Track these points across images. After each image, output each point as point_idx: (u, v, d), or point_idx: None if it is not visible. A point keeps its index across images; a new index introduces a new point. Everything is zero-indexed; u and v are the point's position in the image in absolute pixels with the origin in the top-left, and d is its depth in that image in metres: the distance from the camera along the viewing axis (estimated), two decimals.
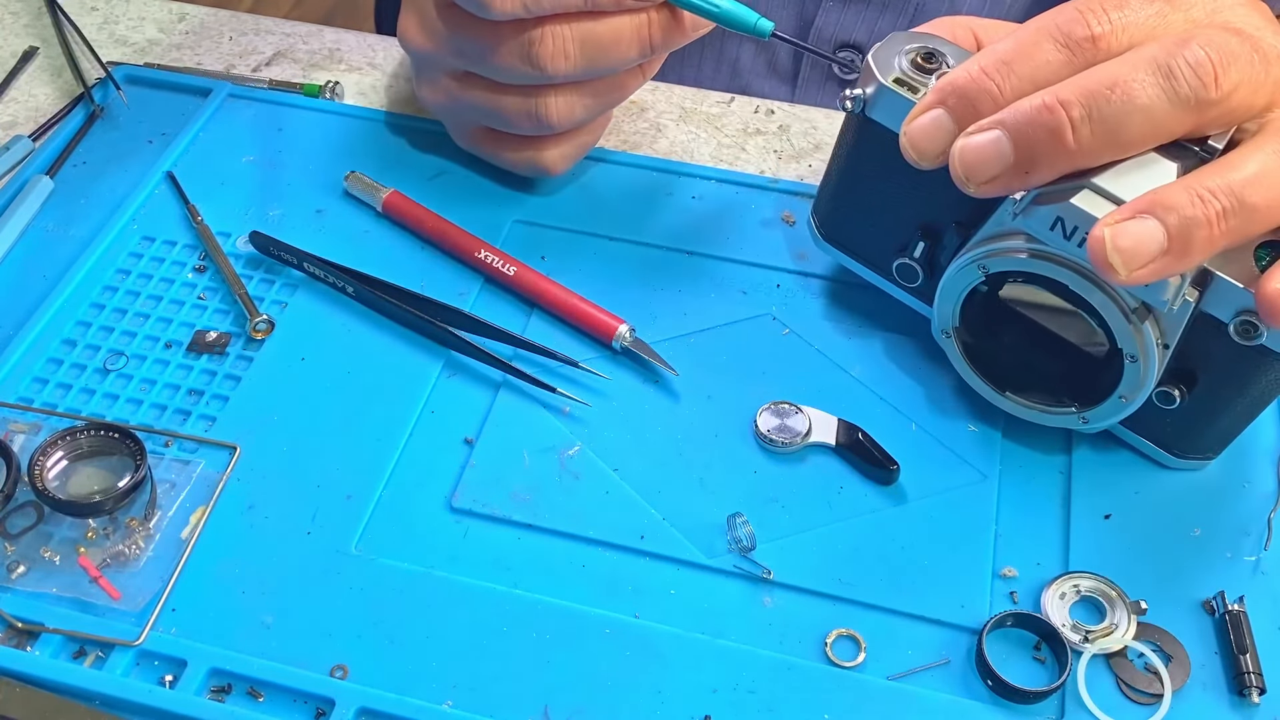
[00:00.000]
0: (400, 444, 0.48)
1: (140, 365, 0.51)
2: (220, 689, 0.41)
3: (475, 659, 0.42)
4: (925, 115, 0.41)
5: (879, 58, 0.45)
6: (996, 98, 0.40)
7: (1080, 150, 0.38)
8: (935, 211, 0.46)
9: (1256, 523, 0.45)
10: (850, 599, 0.43)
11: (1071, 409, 0.45)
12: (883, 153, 0.42)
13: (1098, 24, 0.39)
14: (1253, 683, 0.41)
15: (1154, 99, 0.38)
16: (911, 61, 0.44)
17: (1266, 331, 0.40)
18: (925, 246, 0.47)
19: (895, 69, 0.44)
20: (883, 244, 0.49)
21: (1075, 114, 0.38)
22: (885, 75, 0.44)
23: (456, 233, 0.54)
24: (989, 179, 0.40)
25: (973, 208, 0.44)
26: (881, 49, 0.45)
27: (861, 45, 0.65)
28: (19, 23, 0.67)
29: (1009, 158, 0.39)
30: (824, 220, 0.51)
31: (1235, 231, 0.38)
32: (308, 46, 0.66)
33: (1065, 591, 0.43)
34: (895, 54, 0.45)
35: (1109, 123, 0.38)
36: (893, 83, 0.44)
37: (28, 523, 0.45)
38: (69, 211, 0.57)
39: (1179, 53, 0.38)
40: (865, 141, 0.46)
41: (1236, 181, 0.37)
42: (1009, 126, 0.39)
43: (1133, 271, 0.38)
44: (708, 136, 0.61)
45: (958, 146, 0.40)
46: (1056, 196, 0.40)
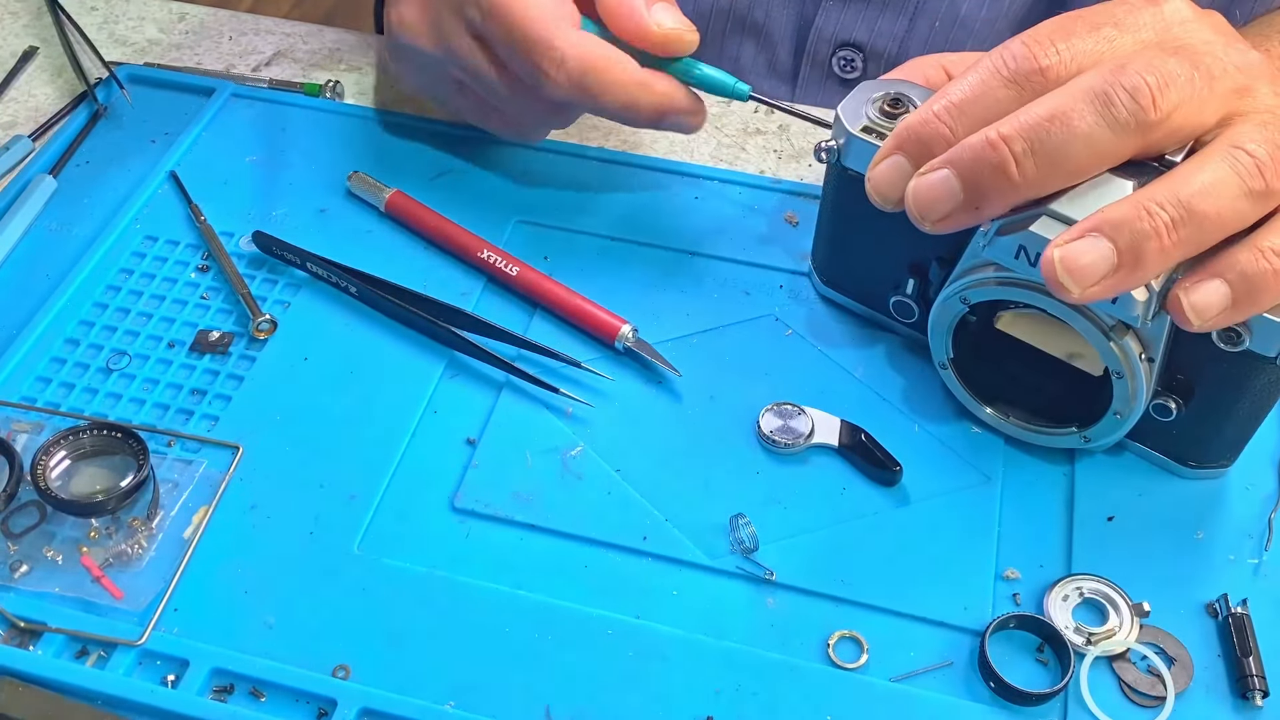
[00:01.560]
0: (403, 444, 0.48)
1: (143, 365, 0.51)
2: (222, 689, 0.41)
3: (477, 659, 0.42)
4: (885, 161, 0.42)
5: (847, 109, 0.46)
6: (949, 139, 0.41)
7: (1026, 183, 0.39)
8: (919, 250, 0.47)
9: (1259, 525, 0.45)
10: (853, 600, 0.43)
11: (1072, 429, 0.46)
12: (862, 198, 0.44)
13: (1045, 57, 0.40)
14: (1256, 686, 0.41)
15: (1093, 127, 0.38)
16: (879, 109, 0.46)
17: (1249, 336, 0.40)
18: (915, 283, 0.48)
19: (863, 118, 0.46)
20: (878, 284, 0.50)
21: (1017, 148, 0.39)
22: (854, 125, 0.46)
23: (459, 233, 0.54)
24: (942, 216, 0.41)
25: (951, 243, 0.45)
26: (850, 100, 0.47)
27: (861, 44, 0.65)
28: (19, 23, 0.67)
29: (959, 195, 0.40)
30: (822, 267, 0.53)
31: (1188, 241, 0.38)
32: (308, 46, 0.66)
33: (1068, 594, 0.43)
34: (863, 103, 0.46)
35: (1052, 154, 0.39)
36: (861, 131, 0.46)
37: (30, 522, 0.45)
38: (72, 211, 0.57)
39: (1116, 80, 0.38)
40: (844, 189, 0.48)
41: (1185, 193, 0.38)
42: (956, 165, 0.40)
43: (1086, 289, 0.38)
44: (708, 136, 0.61)
45: (910, 187, 0.41)
46: (1017, 225, 0.41)
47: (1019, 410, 0.47)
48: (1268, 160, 0.38)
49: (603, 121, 0.61)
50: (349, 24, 0.70)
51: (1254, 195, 0.38)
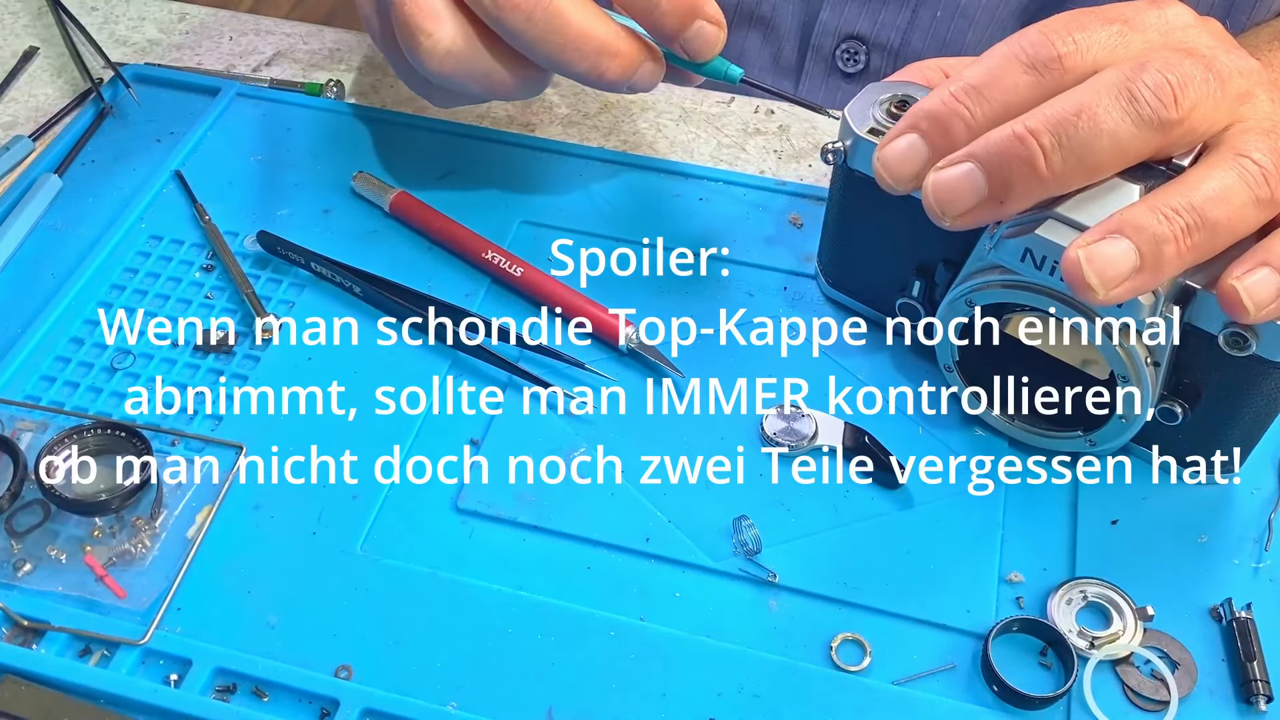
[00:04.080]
0: (406, 445, 0.48)
1: (147, 364, 0.51)
2: (225, 689, 0.41)
3: (480, 660, 0.42)
4: (899, 140, 0.42)
5: (854, 111, 0.46)
6: (968, 121, 0.40)
7: (1053, 177, 0.39)
8: (926, 251, 0.47)
9: (1263, 529, 0.45)
10: (856, 603, 0.43)
11: (1078, 432, 0.46)
12: (869, 199, 0.44)
13: (1062, 45, 0.40)
14: (1260, 690, 0.41)
15: (1119, 122, 0.38)
16: (886, 111, 0.46)
17: (1256, 341, 0.40)
18: (922, 285, 0.48)
19: (870, 120, 0.46)
20: (885, 286, 0.50)
21: (1046, 142, 0.39)
22: (861, 127, 0.46)
23: (464, 233, 0.54)
24: (964, 211, 0.40)
25: (958, 245, 0.45)
26: (856, 102, 0.46)
27: (865, 37, 0.66)
28: (19, 23, 0.68)
29: (983, 190, 0.40)
30: (828, 269, 0.52)
31: (1201, 247, 0.39)
32: (308, 46, 0.66)
33: (1071, 597, 0.43)
34: (870, 105, 0.46)
35: (1078, 149, 0.39)
36: (868, 133, 0.45)
37: (34, 521, 0.45)
38: (77, 210, 0.57)
39: (1138, 77, 0.39)
40: (851, 190, 0.48)
41: (1196, 200, 0.38)
42: (981, 158, 0.40)
43: (1110, 290, 0.38)
44: (708, 136, 0.61)
45: (930, 181, 0.41)
46: (1023, 229, 0.41)
47: (1024, 413, 0.47)
48: (1272, 169, 0.39)
49: (604, 122, 0.61)
50: (349, 24, 0.70)
51: (1260, 203, 0.39)
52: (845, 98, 0.66)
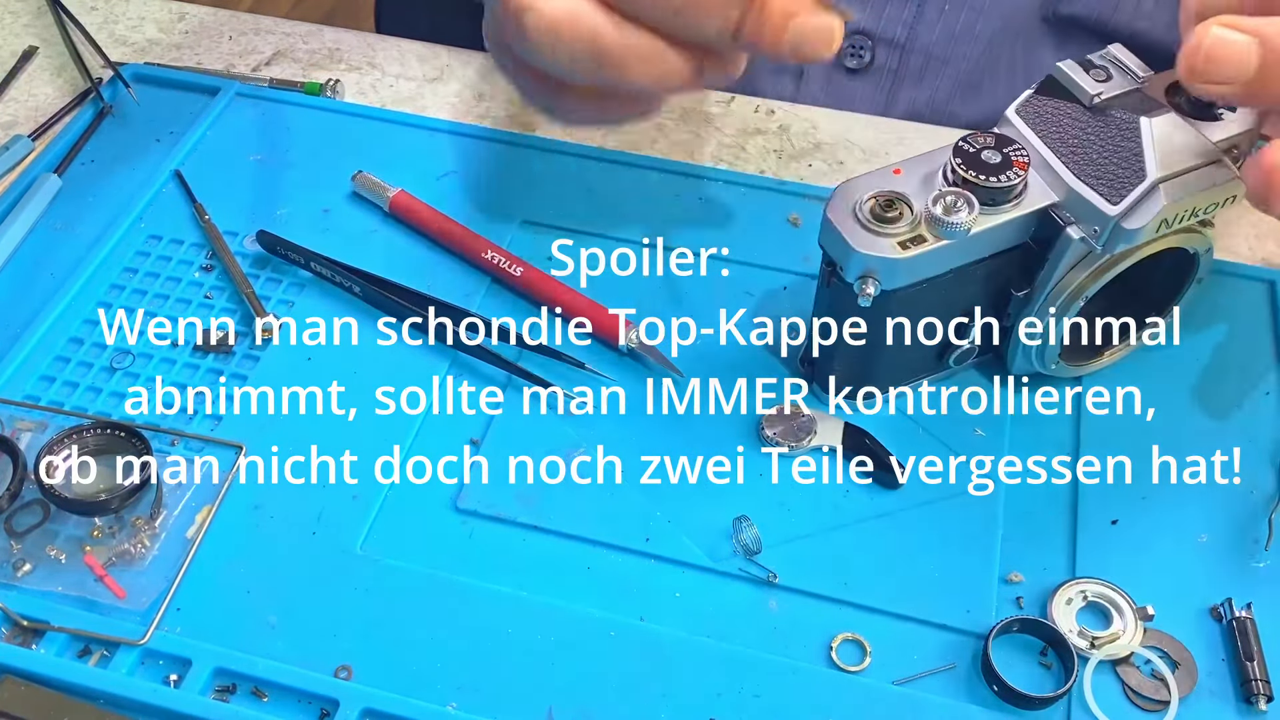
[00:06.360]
0: (406, 444, 0.48)
1: (146, 364, 0.51)
2: (225, 689, 0.41)
3: (480, 661, 0.42)
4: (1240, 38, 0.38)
5: (837, 211, 0.43)
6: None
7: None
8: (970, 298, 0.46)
9: (1264, 529, 0.45)
10: (855, 603, 0.43)
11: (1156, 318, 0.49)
12: (910, 300, 0.44)
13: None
14: (1260, 690, 0.41)
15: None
16: (870, 211, 0.43)
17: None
18: (984, 329, 0.48)
19: (887, 249, 0.43)
20: (918, 360, 0.48)
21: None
22: (880, 248, 0.43)
23: (463, 233, 0.54)
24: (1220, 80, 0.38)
25: (996, 291, 0.46)
26: (837, 202, 0.44)
27: (871, 32, 0.65)
28: (19, 22, 0.67)
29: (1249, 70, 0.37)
30: (845, 381, 0.49)
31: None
32: (308, 46, 0.66)
33: (1072, 597, 0.43)
34: (851, 203, 0.43)
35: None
36: (897, 248, 0.42)
37: (34, 521, 0.45)
38: (76, 209, 0.57)
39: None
40: (879, 305, 0.44)
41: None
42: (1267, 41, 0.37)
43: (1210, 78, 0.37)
44: (708, 136, 0.61)
45: (1210, 37, 0.38)
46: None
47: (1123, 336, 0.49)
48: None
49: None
50: (349, 24, 0.70)
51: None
52: (849, 96, 0.65)
